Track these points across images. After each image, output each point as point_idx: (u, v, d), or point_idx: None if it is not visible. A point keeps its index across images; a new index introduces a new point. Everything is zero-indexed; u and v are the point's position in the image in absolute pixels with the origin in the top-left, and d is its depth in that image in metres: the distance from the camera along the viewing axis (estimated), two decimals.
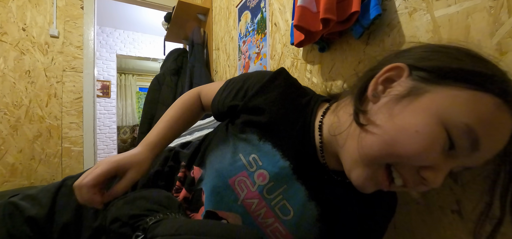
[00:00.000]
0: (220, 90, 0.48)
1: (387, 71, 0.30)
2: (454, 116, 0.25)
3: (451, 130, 0.25)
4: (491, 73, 0.26)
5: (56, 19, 1.75)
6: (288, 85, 0.41)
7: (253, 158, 0.37)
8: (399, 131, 0.27)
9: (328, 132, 0.36)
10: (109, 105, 3.73)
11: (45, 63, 1.71)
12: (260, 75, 0.43)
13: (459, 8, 0.40)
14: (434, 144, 0.26)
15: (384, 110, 0.29)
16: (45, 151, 1.70)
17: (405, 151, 0.26)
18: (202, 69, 1.53)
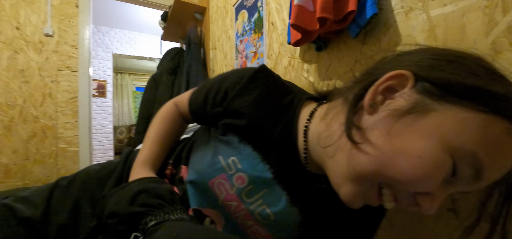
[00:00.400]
0: (195, 92, 0.45)
1: (388, 79, 0.26)
2: (463, 144, 0.22)
3: (457, 158, 0.22)
4: (506, 94, 0.22)
5: (50, 17, 1.73)
6: (269, 84, 0.38)
7: (232, 160, 0.36)
8: (398, 154, 0.24)
9: (315, 140, 0.33)
10: (105, 105, 3.70)
11: (39, 63, 1.69)
12: (238, 75, 0.39)
13: (454, 8, 0.40)
14: (438, 172, 0.23)
15: (381, 127, 0.25)
16: (40, 151, 1.68)
17: (404, 176, 0.23)
18: (199, 68, 1.53)
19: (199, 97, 0.43)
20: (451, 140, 0.22)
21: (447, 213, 0.42)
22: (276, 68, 0.90)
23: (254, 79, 0.38)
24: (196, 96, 0.44)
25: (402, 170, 0.23)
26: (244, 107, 0.37)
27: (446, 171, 0.23)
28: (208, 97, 0.41)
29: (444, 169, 0.23)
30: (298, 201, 0.36)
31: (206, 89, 0.42)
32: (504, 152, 0.23)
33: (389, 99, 0.26)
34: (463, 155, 0.22)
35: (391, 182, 0.25)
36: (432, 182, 0.23)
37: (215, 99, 0.40)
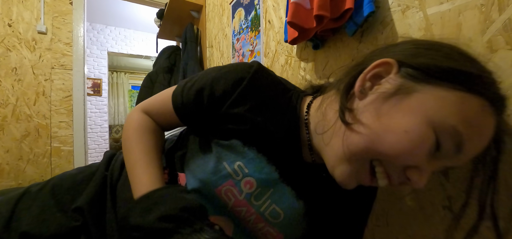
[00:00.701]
0: (180, 90, 0.40)
1: (375, 67, 0.29)
2: (443, 119, 0.25)
3: (439, 131, 0.25)
4: (480, 74, 0.26)
5: (43, 14, 1.70)
6: (269, 85, 0.38)
7: (238, 165, 0.35)
8: (386, 131, 0.27)
9: (314, 130, 0.35)
10: (100, 103, 3.65)
11: (32, 60, 1.66)
12: (234, 76, 0.36)
13: (451, 6, 0.40)
14: (423, 145, 0.25)
15: (371, 109, 0.28)
16: (34, 150, 1.66)
17: (393, 150, 0.26)
18: (195, 67, 1.51)
19: (188, 94, 0.38)
20: (433, 115, 0.25)
21: (443, 211, 0.42)
22: (273, 67, 0.89)
23: (255, 82, 0.36)
24: (183, 93, 0.39)
25: (391, 144, 0.26)
26: (247, 112, 0.36)
27: (430, 144, 0.25)
28: (201, 96, 0.38)
29: (428, 142, 0.25)
30: (302, 194, 0.37)
31: (197, 88, 0.38)
32: (481, 125, 0.25)
33: (376, 85, 0.29)
34: (444, 128, 0.25)
35: (382, 157, 0.28)
36: (418, 154, 0.26)
37: (211, 100, 0.37)
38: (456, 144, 0.25)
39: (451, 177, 0.40)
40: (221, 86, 0.36)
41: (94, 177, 0.44)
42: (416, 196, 0.46)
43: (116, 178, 0.43)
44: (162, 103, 0.42)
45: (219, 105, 0.37)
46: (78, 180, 0.44)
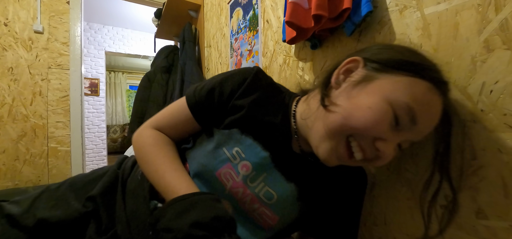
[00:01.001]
0: (193, 92, 0.45)
1: (347, 63, 0.37)
2: (397, 97, 0.32)
3: (395, 107, 0.32)
4: (425, 64, 0.33)
5: (40, 14, 1.68)
6: (267, 86, 0.46)
7: (236, 151, 0.41)
8: (355, 108, 0.33)
9: (300, 117, 0.42)
10: (98, 103, 3.63)
11: (29, 60, 1.65)
12: (240, 77, 0.44)
13: (448, 6, 0.40)
14: (383, 118, 0.32)
15: (344, 94, 0.36)
16: (30, 151, 1.64)
17: (361, 122, 0.33)
18: (193, 66, 1.51)
19: (200, 94, 0.44)
20: (390, 95, 0.32)
21: (440, 209, 0.42)
22: (271, 66, 0.89)
23: (255, 81, 0.44)
24: (195, 94, 0.45)
25: (358, 118, 0.33)
26: (245, 104, 0.43)
27: (389, 118, 0.32)
28: (212, 94, 0.44)
29: (387, 115, 0.32)
30: (292, 177, 0.42)
31: (208, 88, 0.44)
32: (428, 101, 0.32)
33: (348, 77, 0.37)
34: (399, 105, 0.32)
35: (354, 131, 0.34)
36: (381, 126, 0.32)
37: (221, 97, 0.44)
38: (410, 117, 0.32)
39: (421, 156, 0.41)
40: (229, 85, 0.44)
41: (107, 173, 0.50)
42: (413, 195, 0.46)
43: (127, 174, 0.49)
44: (172, 115, 0.46)
45: (227, 101, 0.44)
46: (93, 177, 0.51)
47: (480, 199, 0.37)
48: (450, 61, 0.40)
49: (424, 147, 0.43)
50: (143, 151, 0.43)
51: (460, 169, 0.38)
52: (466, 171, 0.39)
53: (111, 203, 0.46)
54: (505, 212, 0.35)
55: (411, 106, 0.31)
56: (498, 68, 0.35)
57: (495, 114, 0.35)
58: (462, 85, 0.39)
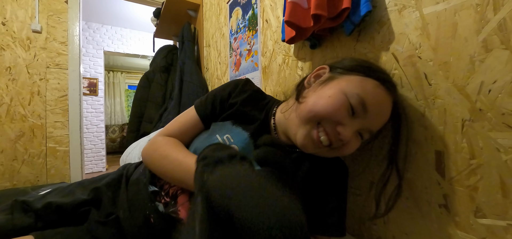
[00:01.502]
0: (200, 105, 0.56)
1: (317, 70, 0.48)
2: (351, 89, 0.40)
3: (349, 96, 0.40)
4: (373, 67, 0.44)
5: (38, 13, 1.67)
6: (255, 91, 0.56)
7: (226, 137, 0.49)
8: (319, 98, 0.42)
9: (279, 112, 0.51)
10: (96, 103, 3.62)
11: (27, 60, 1.64)
12: (235, 83, 0.57)
13: (447, 6, 0.40)
14: (341, 105, 0.40)
15: (312, 90, 0.45)
16: (29, 151, 1.64)
17: (323, 107, 0.41)
18: (192, 66, 1.51)
19: (206, 106, 0.55)
20: (345, 88, 0.41)
21: (439, 209, 0.42)
22: (271, 66, 0.89)
23: (245, 86, 0.56)
24: (203, 106, 0.55)
25: (321, 105, 0.41)
26: (238, 101, 0.54)
27: (346, 105, 0.40)
28: (215, 101, 0.55)
29: (344, 103, 0.40)
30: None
31: (211, 98, 0.55)
32: (376, 95, 0.41)
33: (317, 80, 0.47)
34: (352, 95, 0.40)
35: (320, 117, 0.41)
36: (340, 111, 0.40)
37: (221, 100, 0.55)
38: (362, 105, 0.39)
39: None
40: (227, 90, 0.56)
41: (113, 172, 0.59)
42: (412, 193, 0.46)
43: (131, 172, 0.57)
44: (181, 123, 0.55)
45: (225, 101, 0.55)
46: (100, 177, 0.59)
47: (479, 198, 0.37)
48: (449, 61, 0.40)
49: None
50: (160, 150, 0.49)
51: (404, 159, 0.47)
52: (464, 170, 0.39)
53: (115, 193, 0.54)
54: (503, 211, 0.35)
55: (362, 96, 0.39)
56: (497, 68, 0.35)
57: (493, 114, 0.35)
58: (460, 84, 0.39)
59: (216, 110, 0.54)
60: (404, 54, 0.47)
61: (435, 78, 0.42)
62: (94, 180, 0.59)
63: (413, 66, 0.45)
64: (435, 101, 0.42)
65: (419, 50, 0.44)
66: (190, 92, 1.42)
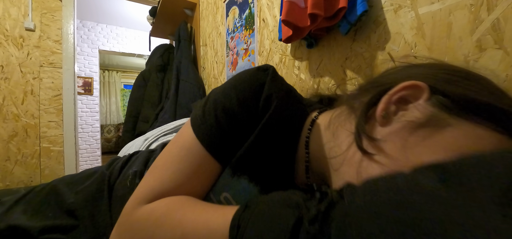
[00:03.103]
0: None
1: (403, 89, 0.25)
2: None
3: None
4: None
5: (31, 11, 1.65)
6: (288, 100, 0.34)
7: (224, 197, 0.30)
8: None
9: (318, 150, 0.31)
10: (91, 103, 3.58)
11: (20, 58, 1.61)
12: (254, 88, 0.34)
13: (441, 6, 0.41)
14: None
15: (396, 139, 0.24)
16: (22, 151, 1.61)
17: None
18: (189, 65, 1.50)
19: (215, 133, 0.32)
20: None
21: None
22: None
23: (274, 86, 0.32)
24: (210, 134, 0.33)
25: None
26: (263, 125, 0.30)
27: None
28: (224, 127, 0.32)
29: None
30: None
31: (219, 118, 0.32)
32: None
33: (402, 111, 0.25)
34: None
35: None
36: None
37: (235, 126, 0.32)
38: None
39: None
40: (243, 103, 0.34)
41: (94, 175, 0.44)
42: None
43: (115, 176, 0.43)
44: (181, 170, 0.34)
45: (242, 123, 0.33)
46: (78, 178, 0.45)
47: None
48: (444, 60, 0.41)
49: None
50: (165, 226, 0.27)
51: None
52: None
53: (95, 212, 0.39)
54: None
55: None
56: (490, 67, 0.35)
57: None
58: None
59: (228, 141, 0.31)
60: (399, 54, 0.47)
61: None
62: (70, 181, 0.44)
63: None
64: None
65: (414, 50, 0.45)
66: (187, 92, 1.41)
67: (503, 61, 0.34)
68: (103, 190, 0.41)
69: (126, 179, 0.41)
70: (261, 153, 0.30)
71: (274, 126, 0.30)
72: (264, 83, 0.32)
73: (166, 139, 0.91)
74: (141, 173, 0.41)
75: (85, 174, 0.46)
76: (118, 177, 0.43)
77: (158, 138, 0.93)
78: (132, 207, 0.29)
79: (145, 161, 0.44)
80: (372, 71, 0.52)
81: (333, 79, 0.62)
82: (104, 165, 0.47)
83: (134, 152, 0.51)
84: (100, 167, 0.47)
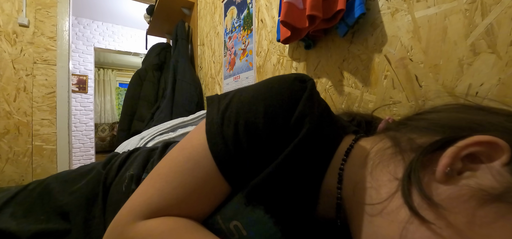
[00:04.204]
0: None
1: (476, 144, 0.20)
2: None
3: None
4: None
5: (25, 6, 1.62)
6: (323, 123, 0.30)
7: (234, 225, 0.27)
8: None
9: (350, 185, 0.26)
10: (86, 101, 3.53)
11: (12, 54, 1.58)
12: (285, 106, 0.29)
13: (437, 10, 0.41)
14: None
15: (460, 209, 0.18)
16: (13, 149, 1.58)
17: None
18: (186, 64, 1.49)
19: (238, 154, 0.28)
20: None
21: None
22: (265, 66, 0.90)
23: (310, 108, 0.27)
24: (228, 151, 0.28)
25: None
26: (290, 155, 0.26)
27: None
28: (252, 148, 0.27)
29: None
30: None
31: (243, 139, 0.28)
32: None
33: (470, 171, 0.19)
34: None
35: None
36: None
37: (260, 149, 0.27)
38: None
39: None
40: (272, 127, 0.29)
41: (89, 175, 0.41)
42: None
43: (111, 177, 0.40)
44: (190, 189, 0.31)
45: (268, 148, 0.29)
46: (73, 176, 0.42)
47: None
48: (439, 64, 0.41)
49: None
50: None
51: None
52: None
53: (89, 218, 0.37)
54: None
55: None
56: (484, 71, 0.36)
57: None
58: (450, 86, 0.40)
59: (245, 162, 0.27)
60: (396, 56, 0.48)
61: (426, 80, 0.43)
62: (68, 178, 0.41)
63: (404, 68, 0.47)
64: (425, 103, 0.44)
65: (410, 53, 0.46)
66: (183, 91, 1.41)
67: (496, 65, 0.35)
68: (97, 192, 0.39)
69: (122, 183, 0.38)
70: (282, 183, 0.26)
71: (301, 155, 0.26)
72: (299, 99, 0.27)
73: (163, 138, 0.91)
74: (138, 177, 0.38)
75: (81, 171, 0.44)
76: (115, 178, 0.40)
77: (154, 137, 0.92)
78: (126, 220, 0.26)
79: (144, 163, 0.41)
80: (369, 73, 0.53)
81: (331, 80, 0.63)
82: (102, 162, 0.45)
83: (134, 149, 0.48)
84: (98, 164, 0.45)
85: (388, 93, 0.49)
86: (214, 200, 0.27)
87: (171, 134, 0.93)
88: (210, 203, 0.27)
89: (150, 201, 0.26)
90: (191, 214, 0.27)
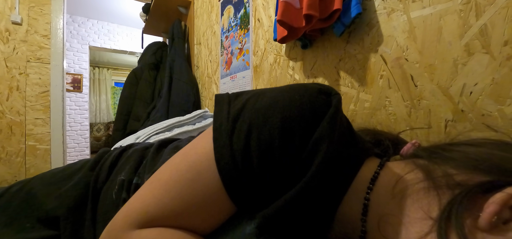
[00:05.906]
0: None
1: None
2: None
3: None
4: None
5: (18, 4, 1.59)
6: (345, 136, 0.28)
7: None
8: None
9: (374, 217, 0.23)
10: (80, 100, 3.49)
11: (5, 53, 1.55)
12: (302, 123, 0.27)
13: (432, 10, 0.42)
14: None
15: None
16: (6, 149, 1.55)
17: None
18: (182, 64, 1.48)
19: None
20: None
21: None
22: (262, 65, 0.90)
23: (332, 125, 0.24)
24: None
25: None
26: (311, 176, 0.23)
27: None
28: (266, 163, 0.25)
29: None
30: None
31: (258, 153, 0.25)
32: None
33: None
34: None
35: None
36: None
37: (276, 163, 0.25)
38: None
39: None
40: (286, 145, 0.27)
41: (77, 177, 0.38)
42: None
43: (102, 180, 0.37)
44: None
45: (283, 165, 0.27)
46: (59, 177, 0.39)
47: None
48: (434, 64, 0.42)
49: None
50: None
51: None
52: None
53: (78, 226, 0.35)
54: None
55: None
56: (478, 71, 0.37)
57: (474, 115, 0.37)
58: (444, 86, 0.40)
59: (254, 182, 0.24)
60: (392, 56, 0.48)
61: (421, 80, 0.44)
62: (53, 180, 0.38)
63: (400, 68, 0.47)
64: (420, 102, 0.44)
65: (406, 53, 0.46)
66: (180, 91, 1.40)
67: (490, 65, 0.35)
68: (86, 198, 0.36)
69: (113, 188, 0.35)
70: (297, 214, 0.24)
71: (319, 185, 0.23)
72: (322, 116, 0.23)
73: (158, 138, 0.90)
74: (129, 182, 0.36)
75: (68, 171, 0.40)
76: (106, 181, 0.37)
77: (150, 136, 0.91)
78: (121, 227, 0.24)
79: (136, 165, 0.38)
80: (365, 73, 0.53)
81: (327, 80, 0.63)
82: (91, 161, 0.41)
83: (128, 146, 0.45)
84: (87, 162, 0.41)
85: (384, 93, 0.50)
86: (217, 216, 0.25)
87: (167, 133, 0.93)
88: (212, 219, 0.25)
89: (147, 209, 0.24)
90: (190, 228, 0.25)
